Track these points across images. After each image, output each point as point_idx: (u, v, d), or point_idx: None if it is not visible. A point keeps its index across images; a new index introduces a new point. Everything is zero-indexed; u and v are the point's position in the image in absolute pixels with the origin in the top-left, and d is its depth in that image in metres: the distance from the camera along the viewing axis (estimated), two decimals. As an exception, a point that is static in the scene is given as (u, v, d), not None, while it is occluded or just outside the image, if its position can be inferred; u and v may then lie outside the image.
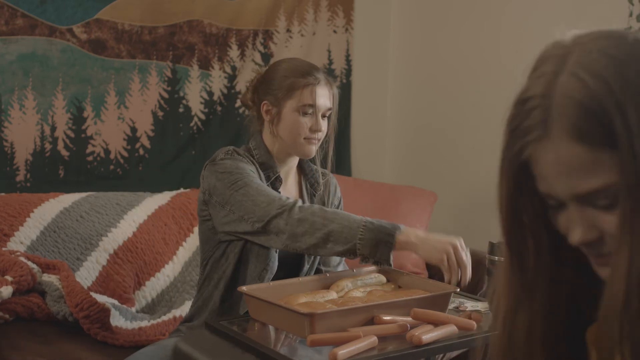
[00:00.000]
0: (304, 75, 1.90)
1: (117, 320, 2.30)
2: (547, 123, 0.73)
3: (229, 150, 1.91)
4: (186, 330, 1.94)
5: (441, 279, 1.69)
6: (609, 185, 0.71)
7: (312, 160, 2.02)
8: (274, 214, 1.73)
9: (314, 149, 1.93)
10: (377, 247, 1.63)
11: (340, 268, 2.04)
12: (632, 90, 0.70)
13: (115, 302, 2.43)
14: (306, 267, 1.95)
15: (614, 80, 0.71)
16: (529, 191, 0.79)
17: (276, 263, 1.86)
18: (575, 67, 0.73)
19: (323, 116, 1.93)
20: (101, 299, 2.35)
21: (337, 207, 2.07)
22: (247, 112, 2.09)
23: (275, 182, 1.92)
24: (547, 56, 0.77)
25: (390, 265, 1.65)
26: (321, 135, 1.93)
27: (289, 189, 2.00)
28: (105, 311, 2.25)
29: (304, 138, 1.90)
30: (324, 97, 1.91)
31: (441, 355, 1.68)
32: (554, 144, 0.73)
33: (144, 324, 2.38)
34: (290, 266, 1.93)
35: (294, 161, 2.00)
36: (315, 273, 1.99)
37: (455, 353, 1.61)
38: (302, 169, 2.03)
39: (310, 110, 1.89)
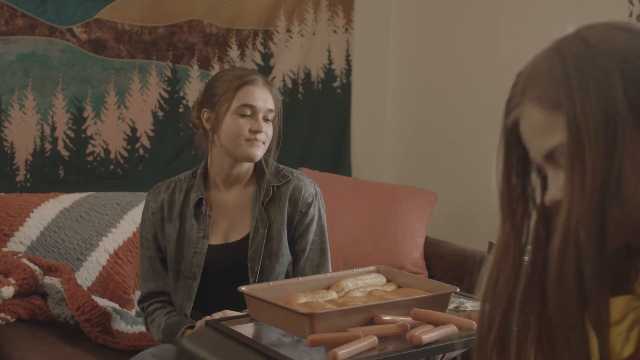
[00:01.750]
0: (240, 77, 1.89)
1: (118, 324, 2.30)
2: (524, 92, 0.84)
3: (155, 187, 2.01)
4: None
5: (442, 279, 1.69)
6: (563, 144, 0.79)
7: (266, 163, 1.97)
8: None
9: (257, 152, 1.88)
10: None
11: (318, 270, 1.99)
12: (586, 65, 0.78)
13: (116, 306, 2.42)
14: (251, 281, 1.92)
15: (571, 56, 0.80)
16: (518, 157, 0.87)
17: (200, 268, 1.92)
18: (551, 47, 0.83)
19: (266, 119, 1.89)
20: (102, 302, 2.36)
21: (304, 215, 1.95)
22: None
23: (198, 205, 1.94)
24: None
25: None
26: (264, 137, 1.88)
27: (237, 199, 1.96)
28: (106, 315, 2.25)
29: (246, 140, 1.86)
30: (262, 98, 1.88)
31: (441, 355, 1.68)
32: (525, 109, 0.83)
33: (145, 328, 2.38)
34: (216, 276, 1.94)
35: (244, 169, 1.95)
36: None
37: (455, 353, 1.61)
38: (256, 178, 1.97)
39: (248, 112, 1.86)
